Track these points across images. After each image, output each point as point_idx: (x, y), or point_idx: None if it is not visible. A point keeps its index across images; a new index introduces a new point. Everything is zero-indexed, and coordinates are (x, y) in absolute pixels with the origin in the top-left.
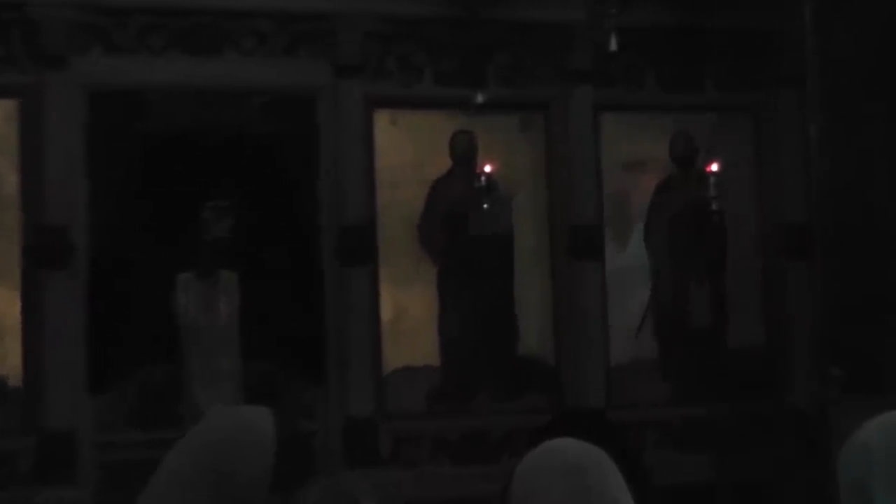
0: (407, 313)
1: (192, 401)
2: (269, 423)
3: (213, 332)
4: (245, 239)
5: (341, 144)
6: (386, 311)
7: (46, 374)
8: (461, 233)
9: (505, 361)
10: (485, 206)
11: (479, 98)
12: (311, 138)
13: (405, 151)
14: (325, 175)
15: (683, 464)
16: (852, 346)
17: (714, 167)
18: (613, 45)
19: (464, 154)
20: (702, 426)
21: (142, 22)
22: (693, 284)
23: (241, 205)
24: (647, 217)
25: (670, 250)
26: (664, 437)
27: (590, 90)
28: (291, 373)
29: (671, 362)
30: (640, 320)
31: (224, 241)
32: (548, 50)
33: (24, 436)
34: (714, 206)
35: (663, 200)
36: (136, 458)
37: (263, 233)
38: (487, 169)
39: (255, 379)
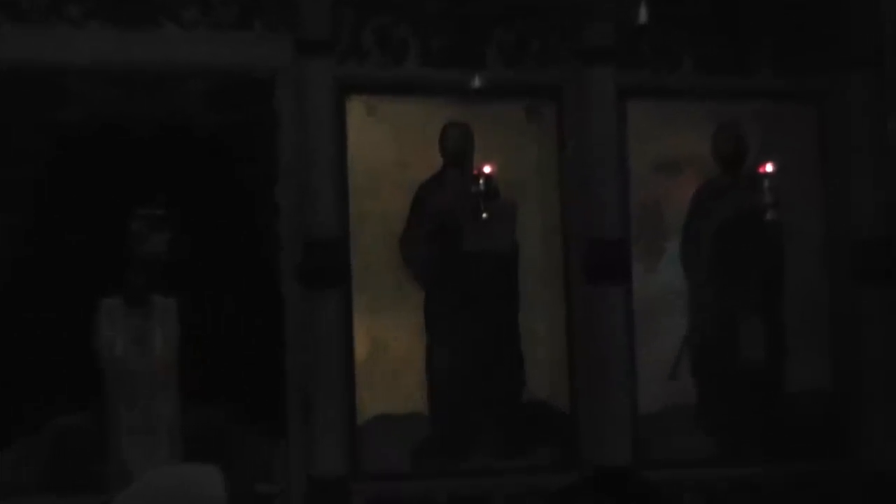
0: (387, 349)
1: (120, 458)
2: (218, 485)
3: (145, 372)
4: (185, 256)
5: (306, 139)
6: (361, 346)
7: None
8: (454, 249)
9: (508, 408)
10: (483, 215)
11: (477, 82)
12: (267, 132)
13: (385, 148)
14: (285, 177)
15: None
16: None
17: (768, 168)
18: (642, 17)
19: (457, 151)
20: (752, 490)
21: None
22: (742, 313)
23: (181, 214)
24: (684, 230)
25: (714, 271)
26: (706, 503)
27: (612, 72)
28: (244, 423)
29: (714, 410)
30: (676, 358)
31: (159, 258)
32: (560, 23)
33: None
34: (769, 217)
35: (705, 209)
36: None
37: (209, 249)
38: (486, 170)
39: (198, 430)
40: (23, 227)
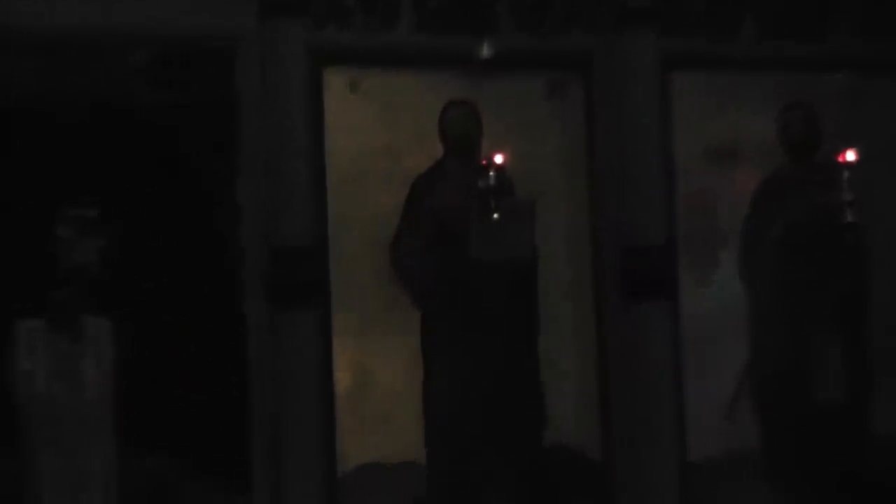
0: (375, 381)
1: None
2: None
3: (74, 411)
4: (124, 268)
5: (274, 123)
6: (343, 379)
7: None
8: (458, 257)
9: (525, 456)
10: (494, 216)
11: (485, 51)
12: (226, 114)
13: (372, 133)
14: (248, 170)
15: None
16: None
17: (849, 157)
18: None
19: (461, 137)
20: None
21: None
22: (817, 339)
23: (118, 216)
24: (743, 234)
25: (781, 286)
26: None
27: (653, 38)
28: (198, 474)
29: (781, 458)
30: (734, 393)
31: (90, 270)
32: None
33: None
34: (849, 217)
35: (769, 209)
36: None
37: (152, 259)
38: (497, 160)
39: (140, 485)
40: None
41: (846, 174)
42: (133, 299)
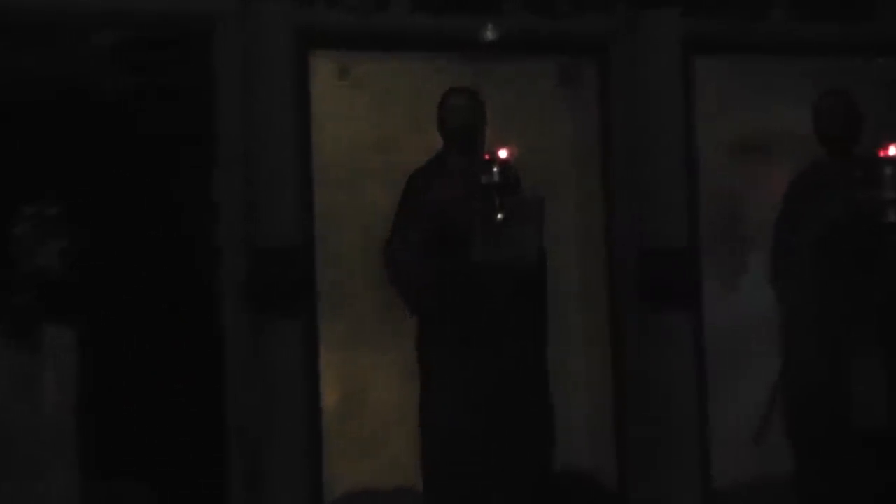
0: (366, 398)
1: None
2: None
3: (31, 430)
4: (89, 272)
5: (255, 111)
6: (331, 395)
7: None
8: (459, 261)
9: (531, 482)
10: (498, 215)
11: (490, 33)
12: (202, 102)
13: (364, 124)
14: (226, 164)
15: None
16: None
17: (892, 151)
18: None
19: (463, 128)
20: None
21: None
22: (858, 353)
23: (83, 214)
24: (775, 235)
25: (817, 293)
26: None
27: (677, 19)
28: (169, 502)
29: (817, 485)
30: (765, 412)
31: (51, 273)
32: None
33: None
34: (892, 218)
35: (804, 208)
36: None
37: (120, 262)
38: (503, 154)
39: None
40: None
41: (889, 170)
42: (99, 306)
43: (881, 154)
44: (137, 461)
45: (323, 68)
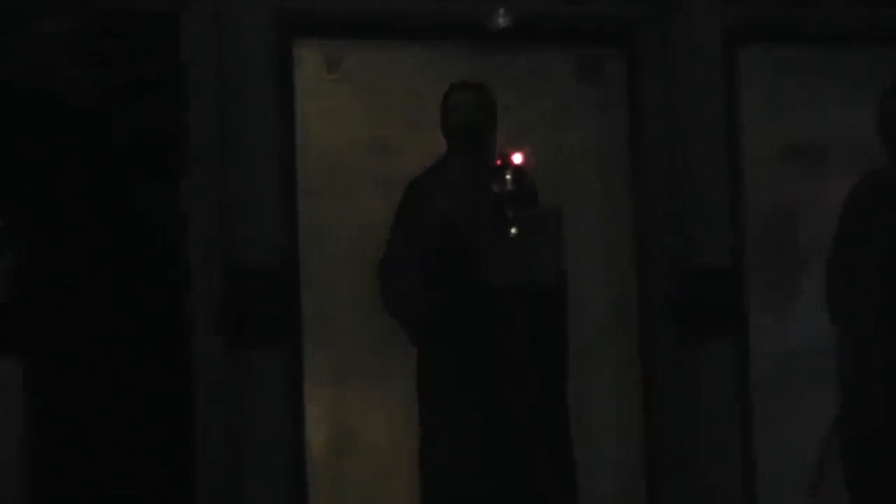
0: (357, 441)
1: None
2: None
3: None
4: (39, 294)
5: (230, 108)
6: (317, 437)
7: None
8: (465, 282)
9: None
10: (511, 230)
11: (501, 19)
12: (170, 98)
13: (355, 123)
14: (197, 168)
15: None
16: None
17: None
18: None
19: (469, 129)
20: None
21: None
22: None
23: (31, 225)
24: (832, 254)
25: (881, 321)
26: None
27: (718, 3)
28: None
29: None
30: (821, 458)
31: None
32: None
33: None
34: None
35: (865, 223)
36: None
37: (75, 283)
38: (516, 159)
39: None
40: None
41: None
42: (49, 335)
43: None
44: None
45: (308, 59)
